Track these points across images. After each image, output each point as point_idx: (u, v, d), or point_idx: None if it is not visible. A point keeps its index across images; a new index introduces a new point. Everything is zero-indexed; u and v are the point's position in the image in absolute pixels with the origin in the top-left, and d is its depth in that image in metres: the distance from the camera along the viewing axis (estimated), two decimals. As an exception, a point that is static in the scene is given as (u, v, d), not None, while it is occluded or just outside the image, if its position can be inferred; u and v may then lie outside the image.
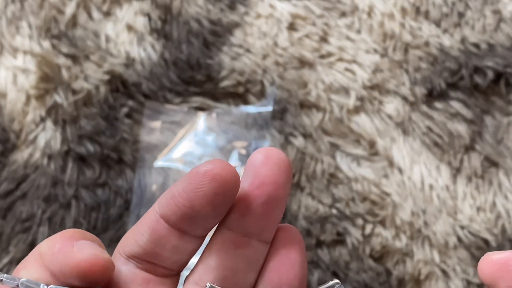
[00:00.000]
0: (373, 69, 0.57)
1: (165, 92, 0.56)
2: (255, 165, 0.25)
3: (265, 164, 0.25)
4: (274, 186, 0.25)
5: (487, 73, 0.56)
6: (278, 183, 0.25)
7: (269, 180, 0.25)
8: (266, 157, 0.25)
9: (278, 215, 0.26)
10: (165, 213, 0.26)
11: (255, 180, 0.25)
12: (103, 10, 0.58)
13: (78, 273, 0.25)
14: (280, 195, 0.26)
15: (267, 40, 0.58)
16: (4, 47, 0.57)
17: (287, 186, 0.26)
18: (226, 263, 0.26)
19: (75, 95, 0.55)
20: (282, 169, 0.25)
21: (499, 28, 0.59)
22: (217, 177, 0.24)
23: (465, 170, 0.54)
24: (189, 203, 0.25)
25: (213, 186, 0.25)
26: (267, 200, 0.26)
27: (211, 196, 0.25)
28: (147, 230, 0.26)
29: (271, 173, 0.25)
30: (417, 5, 0.59)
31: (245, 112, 0.55)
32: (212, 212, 0.25)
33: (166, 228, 0.26)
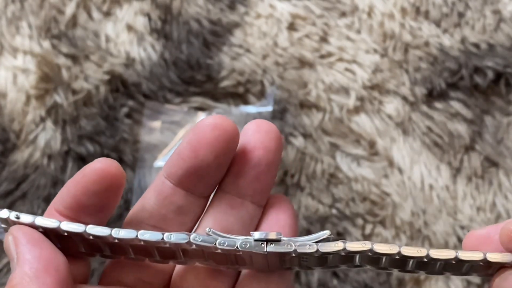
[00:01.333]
0: (373, 69, 0.57)
1: (165, 92, 0.56)
2: (247, 134, 0.28)
3: (256, 132, 0.28)
4: (264, 151, 0.28)
5: (487, 73, 0.56)
6: (268, 148, 0.28)
7: (260, 145, 0.28)
8: (258, 126, 0.28)
9: (269, 179, 0.29)
10: (170, 172, 0.28)
11: (248, 145, 0.28)
12: (103, 10, 0.58)
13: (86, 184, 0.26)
14: (270, 159, 0.28)
15: (267, 40, 0.58)
16: (4, 47, 0.57)
17: (277, 152, 0.29)
18: (222, 223, 0.28)
19: (75, 95, 0.55)
20: (271, 136, 0.28)
21: (499, 28, 0.59)
22: (219, 126, 0.27)
23: (465, 170, 0.54)
24: (193, 153, 0.27)
25: (216, 134, 0.27)
26: (258, 163, 0.28)
27: (214, 143, 0.27)
28: (153, 193, 0.28)
29: (261, 139, 0.28)
30: (417, 5, 0.59)
31: (245, 112, 0.55)
32: (215, 162, 0.28)
33: (171, 188, 0.28)
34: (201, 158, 0.27)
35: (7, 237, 0.26)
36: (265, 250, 0.27)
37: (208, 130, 0.27)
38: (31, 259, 0.25)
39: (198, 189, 0.28)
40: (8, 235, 0.26)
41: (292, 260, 0.28)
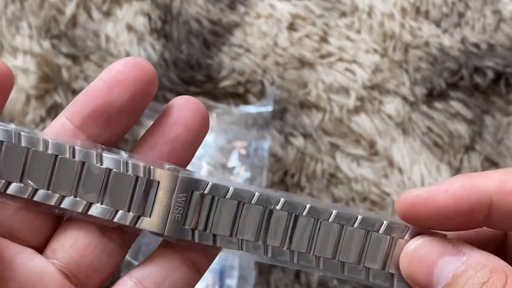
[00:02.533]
0: (373, 69, 0.57)
1: (165, 92, 0.56)
2: (172, 107, 0.26)
3: (183, 107, 0.26)
4: (185, 129, 0.26)
5: (487, 73, 0.56)
6: (189, 126, 0.26)
7: (181, 122, 0.26)
8: (185, 101, 0.26)
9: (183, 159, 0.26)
10: (74, 111, 0.25)
11: (168, 119, 0.26)
12: (103, 10, 0.58)
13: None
14: (189, 140, 0.26)
15: (267, 40, 0.58)
16: (4, 47, 0.57)
17: (199, 133, 0.26)
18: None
19: (75, 95, 0.55)
20: (197, 115, 0.26)
21: (499, 28, 0.59)
22: (139, 66, 0.25)
23: (465, 170, 0.54)
24: (107, 91, 0.25)
25: (135, 73, 0.25)
26: (174, 139, 0.26)
27: (132, 82, 0.25)
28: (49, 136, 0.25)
29: (185, 116, 0.26)
30: (417, 5, 0.59)
31: (245, 112, 0.55)
32: (130, 104, 0.25)
33: (71, 130, 0.26)
34: (115, 97, 0.25)
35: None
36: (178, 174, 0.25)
37: (126, 68, 0.25)
38: None
39: (103, 136, 0.26)
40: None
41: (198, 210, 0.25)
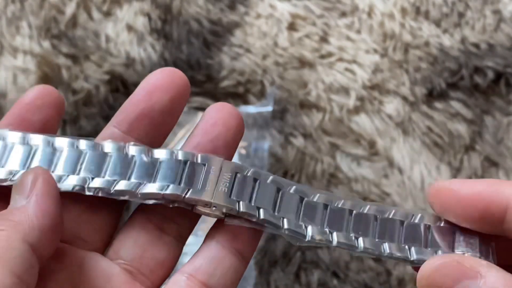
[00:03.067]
0: (373, 69, 0.57)
1: (165, 92, 0.56)
2: (210, 112, 0.29)
3: (219, 110, 0.28)
4: (224, 128, 0.28)
5: (487, 73, 0.56)
6: (228, 126, 0.28)
7: (220, 122, 0.28)
8: (221, 106, 0.29)
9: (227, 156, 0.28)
10: (120, 119, 0.28)
11: (208, 121, 0.28)
12: (103, 10, 0.58)
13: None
14: (229, 137, 0.28)
15: (267, 40, 0.58)
16: (4, 47, 0.57)
17: (237, 132, 0.28)
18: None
19: (75, 95, 0.55)
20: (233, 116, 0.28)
21: (499, 28, 0.59)
22: (174, 73, 0.27)
23: (465, 170, 0.54)
24: (147, 96, 0.27)
25: (171, 78, 0.27)
26: (216, 138, 0.28)
27: (170, 86, 0.27)
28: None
29: (223, 117, 0.28)
30: (417, 5, 0.59)
31: (245, 112, 0.55)
32: (169, 106, 0.28)
33: (120, 136, 0.28)
34: (155, 100, 0.27)
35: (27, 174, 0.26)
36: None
37: (163, 75, 0.27)
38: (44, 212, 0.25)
39: (149, 137, 0.28)
40: (29, 174, 0.26)
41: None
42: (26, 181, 0.25)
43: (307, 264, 0.51)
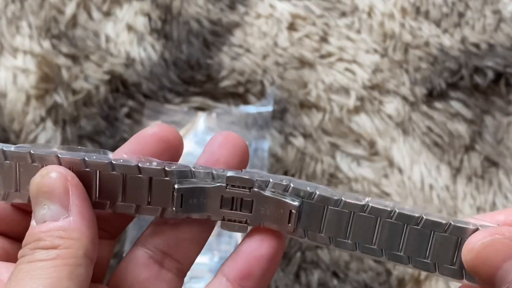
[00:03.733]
0: (373, 69, 0.57)
1: (165, 92, 0.56)
2: (213, 145, 0.28)
3: (223, 144, 0.27)
4: (226, 166, 0.27)
5: (487, 73, 0.56)
6: (230, 164, 0.27)
7: (223, 160, 0.27)
8: (225, 138, 0.28)
9: None
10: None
11: (211, 157, 0.27)
12: (103, 10, 0.58)
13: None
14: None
15: (267, 40, 0.58)
16: (4, 47, 0.57)
17: (241, 167, 0.28)
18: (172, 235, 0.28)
19: (75, 95, 0.55)
20: (237, 152, 0.27)
21: (499, 28, 0.59)
22: (164, 139, 0.27)
23: (465, 170, 0.54)
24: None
25: (160, 147, 0.27)
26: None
27: (158, 156, 0.27)
28: None
29: (226, 153, 0.27)
30: (417, 5, 0.59)
31: (245, 112, 0.55)
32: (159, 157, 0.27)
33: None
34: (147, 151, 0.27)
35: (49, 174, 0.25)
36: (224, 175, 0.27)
37: (153, 143, 0.27)
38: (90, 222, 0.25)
39: None
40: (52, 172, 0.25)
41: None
42: (55, 185, 0.25)
43: (307, 264, 0.51)
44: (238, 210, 0.27)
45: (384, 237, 0.26)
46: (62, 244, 0.24)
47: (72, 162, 0.26)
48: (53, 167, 0.26)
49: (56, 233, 0.24)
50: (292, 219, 0.27)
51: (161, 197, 0.27)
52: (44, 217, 0.25)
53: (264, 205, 0.27)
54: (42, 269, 0.23)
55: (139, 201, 0.27)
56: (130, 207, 0.27)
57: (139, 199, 0.27)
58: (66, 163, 0.26)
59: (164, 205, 0.27)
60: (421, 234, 0.26)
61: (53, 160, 0.26)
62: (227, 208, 0.27)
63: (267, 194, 0.27)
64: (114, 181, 0.27)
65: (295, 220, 0.27)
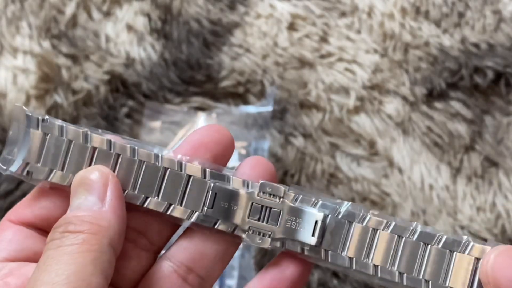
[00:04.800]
0: (373, 69, 0.57)
1: (165, 92, 0.56)
2: (245, 167, 0.29)
3: (255, 166, 0.28)
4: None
5: (487, 73, 0.56)
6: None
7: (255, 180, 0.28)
8: (257, 161, 0.29)
9: None
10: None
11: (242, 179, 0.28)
12: (103, 10, 0.58)
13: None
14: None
15: (267, 40, 0.58)
16: (4, 47, 0.57)
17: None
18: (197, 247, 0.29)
19: (75, 95, 0.55)
20: (267, 175, 0.28)
21: (499, 28, 0.59)
22: (220, 131, 0.28)
23: (465, 170, 0.54)
24: (192, 152, 0.28)
25: (216, 136, 0.28)
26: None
27: (214, 144, 0.28)
28: None
29: (257, 176, 0.28)
30: (417, 5, 0.59)
31: (245, 112, 0.55)
32: (212, 161, 0.28)
33: None
34: (199, 156, 0.28)
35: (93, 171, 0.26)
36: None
37: (209, 132, 0.28)
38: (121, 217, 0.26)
39: None
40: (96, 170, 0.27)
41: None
42: (96, 180, 0.26)
43: (307, 264, 0.51)
44: (266, 222, 0.28)
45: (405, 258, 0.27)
46: (88, 229, 0.25)
47: (122, 149, 0.27)
48: (98, 166, 0.27)
49: (86, 218, 0.25)
50: (316, 231, 0.27)
51: (194, 199, 0.28)
52: (80, 205, 0.26)
53: (291, 217, 0.27)
54: (68, 254, 0.24)
55: (172, 199, 0.28)
56: (161, 204, 0.28)
57: (172, 197, 0.28)
58: (117, 148, 0.27)
59: (196, 208, 0.27)
60: (441, 255, 0.26)
61: (104, 142, 0.27)
62: (255, 218, 0.28)
63: (295, 205, 0.28)
64: (154, 174, 0.27)
65: (320, 232, 0.27)
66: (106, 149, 0.27)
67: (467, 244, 0.26)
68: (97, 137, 0.27)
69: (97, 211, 0.26)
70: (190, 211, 0.28)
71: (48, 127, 0.27)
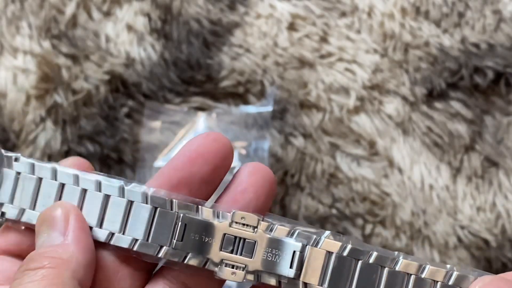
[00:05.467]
0: (373, 69, 0.57)
1: (165, 92, 0.56)
2: (242, 174, 0.27)
3: (252, 174, 0.27)
4: (255, 195, 0.27)
5: (487, 73, 0.56)
6: (258, 194, 0.27)
7: (251, 189, 0.27)
8: (254, 168, 0.27)
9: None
10: (158, 184, 0.27)
11: (239, 186, 0.27)
12: (103, 10, 0.58)
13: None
14: (258, 206, 0.27)
15: (267, 40, 0.58)
16: (4, 47, 0.57)
17: (268, 200, 0.27)
18: None
19: (75, 95, 0.55)
20: (265, 182, 0.27)
21: (499, 28, 0.59)
22: (218, 140, 0.27)
23: (465, 170, 0.54)
24: (190, 163, 0.26)
25: (215, 146, 0.26)
26: (246, 205, 0.27)
27: (213, 155, 0.26)
28: None
29: (254, 183, 0.27)
30: (417, 5, 0.59)
31: (245, 112, 0.55)
32: (211, 175, 0.27)
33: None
34: (197, 168, 0.27)
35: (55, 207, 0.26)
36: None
37: (206, 141, 0.27)
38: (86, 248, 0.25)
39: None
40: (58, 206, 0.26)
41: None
42: (57, 216, 0.26)
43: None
44: (239, 254, 0.26)
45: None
46: (49, 264, 0.24)
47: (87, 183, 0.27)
48: (60, 202, 0.26)
49: (48, 253, 0.25)
50: (294, 262, 0.26)
51: (161, 233, 0.26)
52: (43, 243, 0.25)
53: (267, 249, 0.26)
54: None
55: (137, 234, 0.26)
56: (126, 240, 0.26)
57: (137, 231, 0.26)
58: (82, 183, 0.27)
59: (164, 242, 0.26)
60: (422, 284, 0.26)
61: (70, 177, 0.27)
62: (228, 250, 0.26)
63: (271, 235, 0.26)
64: (118, 208, 0.26)
65: (298, 263, 0.26)
66: (73, 184, 0.27)
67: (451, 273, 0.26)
68: (62, 172, 0.27)
69: (59, 245, 0.25)
70: (157, 246, 0.26)
71: (21, 165, 0.27)
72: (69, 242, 0.25)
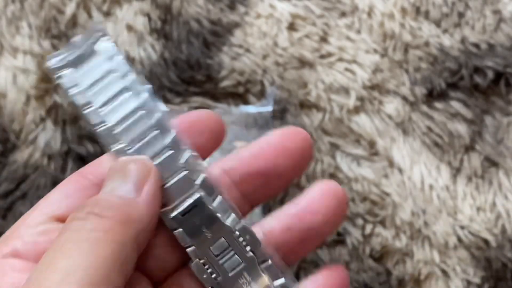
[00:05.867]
0: (373, 69, 0.57)
1: (165, 92, 0.56)
2: (314, 192, 0.26)
3: (325, 194, 0.26)
4: (323, 217, 0.26)
5: (487, 73, 0.56)
6: (327, 217, 0.26)
7: (323, 211, 0.26)
8: (328, 188, 0.26)
9: (314, 244, 0.27)
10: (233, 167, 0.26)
11: (310, 206, 0.26)
12: (103, 10, 0.58)
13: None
14: (325, 231, 0.26)
15: (267, 40, 0.58)
16: (4, 47, 0.57)
17: (336, 222, 0.26)
18: None
19: (75, 95, 0.55)
20: (337, 207, 0.26)
21: (499, 28, 0.59)
22: (303, 136, 0.26)
23: (465, 170, 0.54)
24: (274, 156, 0.26)
25: (300, 144, 0.26)
26: (310, 227, 0.26)
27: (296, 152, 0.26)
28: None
29: (326, 205, 0.26)
30: (417, 5, 0.59)
31: (245, 112, 0.55)
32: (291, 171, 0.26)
33: (227, 184, 0.26)
34: (279, 163, 0.26)
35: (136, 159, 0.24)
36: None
37: (292, 137, 0.26)
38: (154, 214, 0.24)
39: (255, 195, 0.26)
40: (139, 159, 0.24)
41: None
42: (137, 170, 0.24)
43: (307, 264, 0.51)
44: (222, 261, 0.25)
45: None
46: (118, 216, 0.22)
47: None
48: (143, 158, 0.24)
49: (117, 204, 0.23)
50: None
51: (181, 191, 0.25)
52: (113, 190, 0.24)
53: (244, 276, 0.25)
54: (89, 242, 0.21)
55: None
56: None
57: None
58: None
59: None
60: None
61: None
62: (216, 253, 0.25)
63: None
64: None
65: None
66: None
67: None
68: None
69: (131, 199, 0.23)
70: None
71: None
72: (140, 202, 0.23)
